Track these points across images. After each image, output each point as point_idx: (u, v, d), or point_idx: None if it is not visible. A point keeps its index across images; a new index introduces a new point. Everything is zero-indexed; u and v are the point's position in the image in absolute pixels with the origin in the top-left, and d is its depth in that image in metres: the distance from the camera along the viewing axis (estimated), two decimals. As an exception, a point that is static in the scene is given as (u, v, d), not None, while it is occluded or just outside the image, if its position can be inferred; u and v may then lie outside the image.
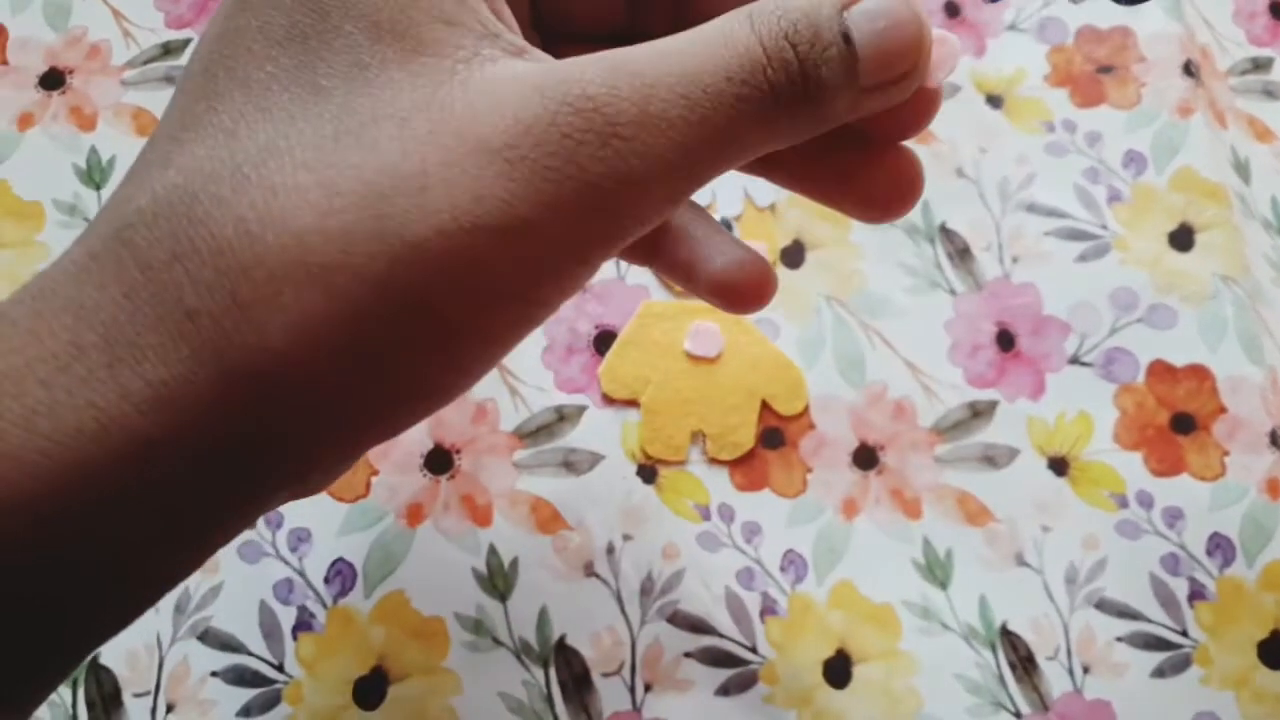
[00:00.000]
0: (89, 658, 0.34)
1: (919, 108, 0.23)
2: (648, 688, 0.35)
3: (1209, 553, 0.37)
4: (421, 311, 0.19)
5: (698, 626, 0.35)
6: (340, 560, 0.35)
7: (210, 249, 0.18)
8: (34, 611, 0.19)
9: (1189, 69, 0.43)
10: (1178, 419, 0.38)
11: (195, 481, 0.19)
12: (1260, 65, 0.45)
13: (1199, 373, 0.39)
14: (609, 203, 0.19)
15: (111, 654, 0.34)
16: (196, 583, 0.35)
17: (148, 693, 0.34)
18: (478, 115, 0.19)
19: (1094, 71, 0.44)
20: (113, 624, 0.21)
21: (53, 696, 0.33)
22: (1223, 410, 0.38)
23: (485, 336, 0.21)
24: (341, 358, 0.19)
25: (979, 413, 0.38)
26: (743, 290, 0.28)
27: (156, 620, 0.34)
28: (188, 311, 0.18)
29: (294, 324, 0.18)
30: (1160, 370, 0.39)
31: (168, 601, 0.35)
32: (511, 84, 0.19)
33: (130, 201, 0.19)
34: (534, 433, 0.37)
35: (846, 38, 0.20)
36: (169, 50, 0.42)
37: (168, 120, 0.20)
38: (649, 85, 0.19)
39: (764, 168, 0.26)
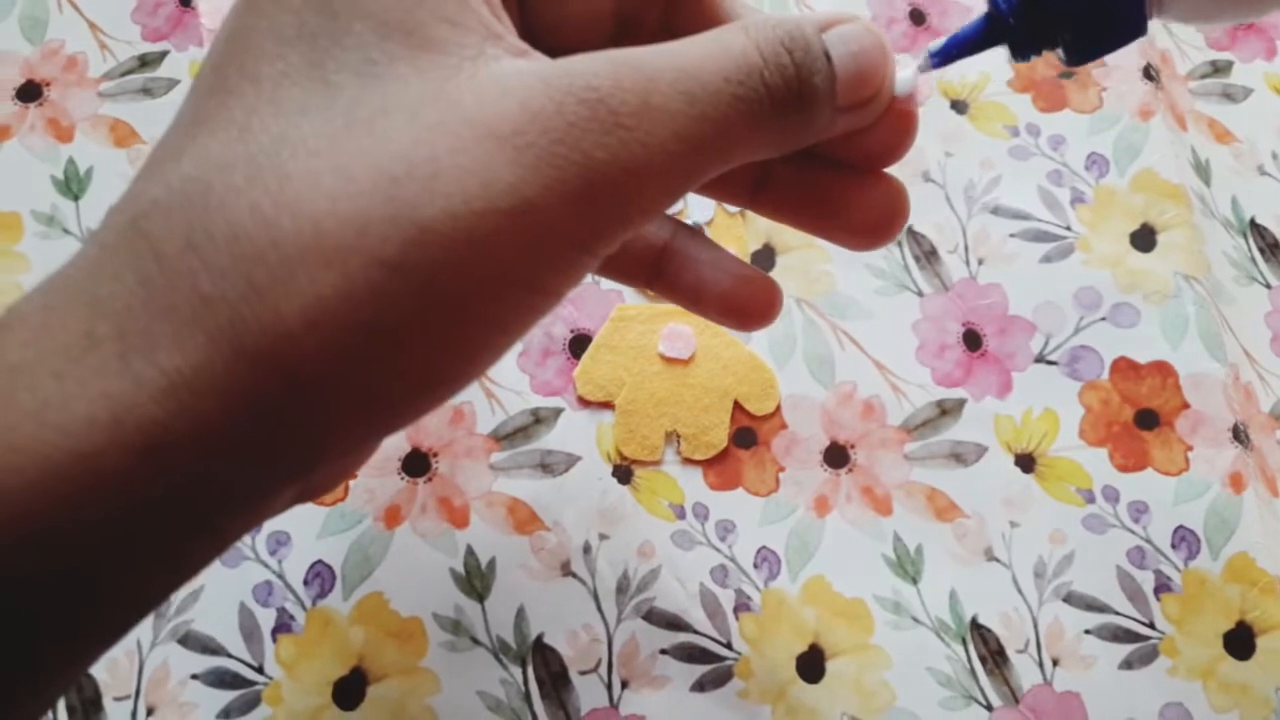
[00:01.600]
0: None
1: (896, 132, 0.24)
2: (624, 685, 0.35)
3: (1174, 546, 0.37)
4: (433, 294, 0.19)
5: (673, 623, 0.36)
6: (319, 563, 0.36)
7: (226, 235, 0.18)
8: (29, 612, 0.19)
9: (1149, 73, 0.44)
10: (1142, 415, 0.39)
11: (207, 470, 0.19)
12: (1219, 69, 0.46)
13: (1162, 369, 0.39)
14: (613, 189, 0.20)
15: (92, 659, 0.34)
16: (176, 587, 0.35)
17: (128, 696, 0.34)
18: (485, 105, 0.19)
19: (1056, 76, 0.44)
20: (115, 629, 0.20)
21: (33, 702, 0.34)
22: (1185, 406, 0.39)
23: (493, 323, 0.21)
24: (356, 340, 0.19)
25: (947, 411, 0.39)
26: (751, 308, 0.28)
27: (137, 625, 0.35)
28: (203, 298, 0.18)
29: (310, 306, 0.18)
30: (1124, 368, 0.39)
31: (148, 606, 0.35)
32: (516, 78, 0.20)
33: (144, 194, 0.19)
34: (510, 435, 0.38)
35: (827, 56, 0.22)
36: (145, 63, 0.43)
37: (180, 118, 0.20)
38: (650, 79, 0.20)
39: (757, 199, 0.27)
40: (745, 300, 0.28)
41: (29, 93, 0.42)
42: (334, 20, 0.20)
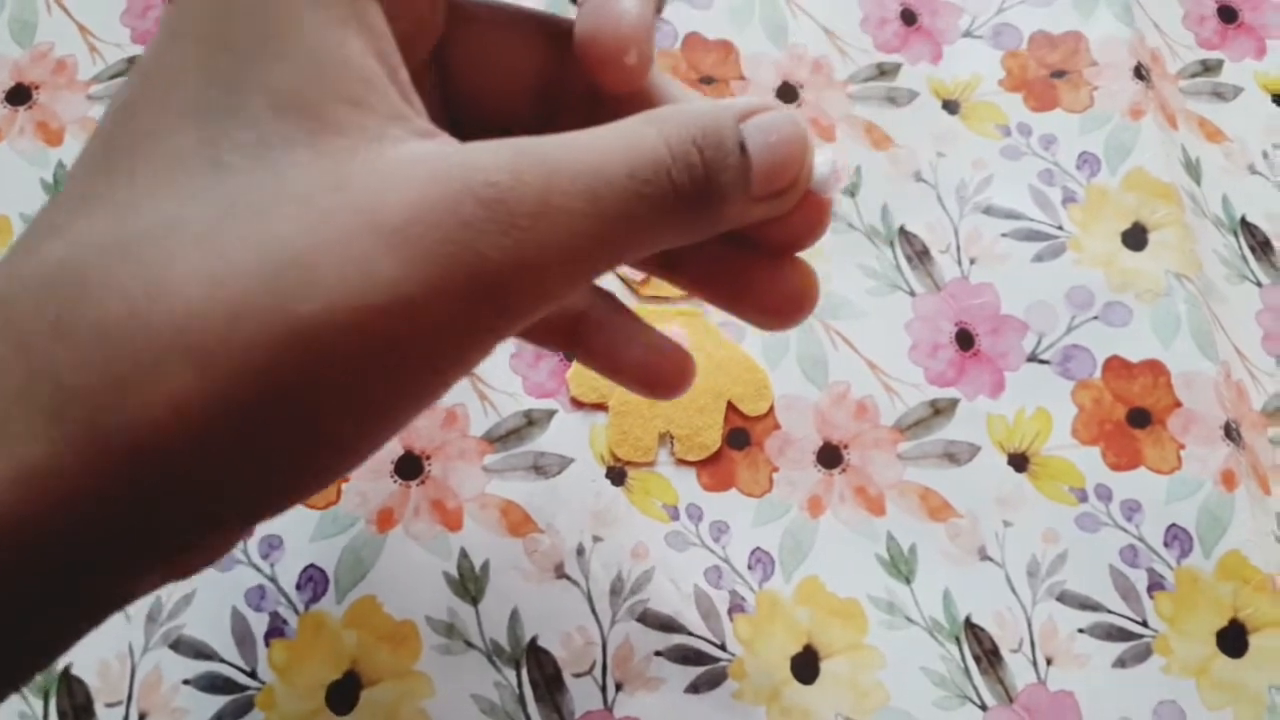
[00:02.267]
0: (60, 669, 0.34)
1: (810, 220, 0.24)
2: (619, 687, 0.35)
3: (1167, 544, 0.37)
4: (308, 390, 0.18)
5: (667, 625, 0.36)
6: (312, 566, 0.36)
7: (93, 325, 0.18)
8: None
9: (1140, 72, 0.44)
10: (1134, 414, 0.39)
11: (61, 561, 0.18)
12: (1210, 68, 0.46)
13: (1154, 368, 0.39)
14: (502, 288, 0.19)
15: (83, 664, 0.34)
16: (168, 591, 0.35)
17: (120, 702, 0.34)
18: (377, 196, 0.19)
19: (1047, 76, 0.44)
20: None
21: (23, 708, 0.33)
22: (1178, 405, 0.39)
23: (373, 415, 0.20)
24: (223, 436, 0.18)
25: (940, 411, 0.39)
26: (661, 380, 0.29)
27: (128, 629, 0.35)
28: (65, 389, 0.17)
29: (174, 403, 0.17)
30: (1116, 366, 0.40)
31: (140, 611, 0.35)
32: (415, 166, 0.19)
33: (15, 274, 0.19)
34: (503, 437, 0.38)
35: (743, 147, 0.22)
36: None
37: (65, 191, 0.20)
38: (551, 174, 0.19)
39: (669, 272, 0.27)
40: (656, 372, 0.29)
41: (18, 96, 0.42)
42: (231, 95, 0.19)
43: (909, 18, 0.45)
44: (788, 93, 0.43)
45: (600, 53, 0.22)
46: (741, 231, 0.24)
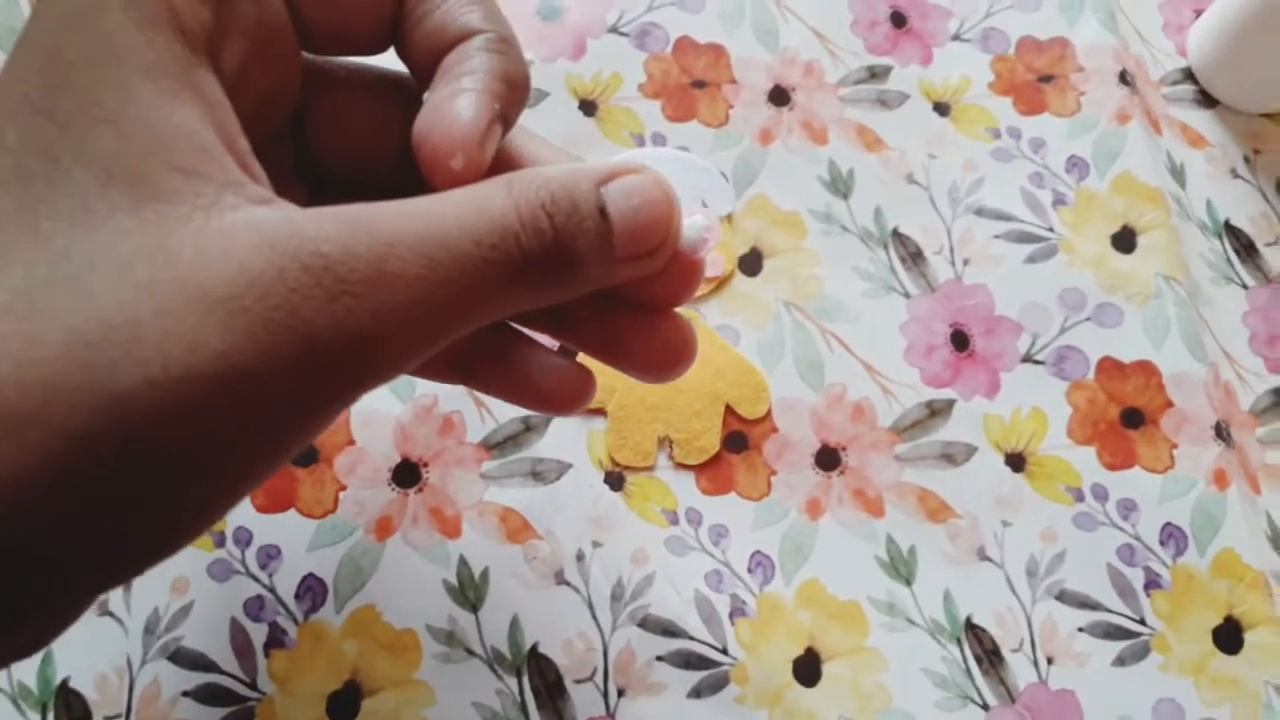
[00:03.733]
0: (58, 682, 0.33)
1: (681, 278, 0.24)
2: (621, 692, 0.35)
3: (1162, 543, 0.38)
4: (131, 464, 0.18)
5: (668, 630, 0.36)
6: (310, 576, 0.35)
7: None
8: None
9: (1125, 78, 0.45)
10: (1127, 414, 0.39)
11: None
12: (1191, 75, 0.47)
13: (1146, 369, 0.40)
14: (336, 357, 0.19)
15: (81, 678, 0.34)
16: (166, 603, 0.35)
17: (119, 715, 0.33)
18: (203, 264, 0.18)
19: (1035, 80, 0.45)
20: None
21: (19, 723, 0.33)
22: (1169, 405, 0.39)
23: (205, 488, 0.19)
24: (39, 513, 0.17)
25: (936, 412, 0.39)
26: (564, 396, 0.28)
27: (126, 642, 0.34)
28: None
29: None
30: (1109, 367, 0.40)
31: (137, 623, 0.34)
32: (245, 233, 0.19)
33: None
34: (501, 443, 0.38)
35: (603, 211, 0.21)
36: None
37: None
38: (387, 244, 0.19)
39: (551, 327, 0.27)
40: (556, 390, 0.28)
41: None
42: (54, 164, 0.18)
43: (899, 20, 0.46)
44: (779, 95, 0.44)
45: (428, 153, 0.22)
46: (615, 290, 0.24)
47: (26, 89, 0.19)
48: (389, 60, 0.25)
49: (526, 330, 0.28)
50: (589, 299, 0.24)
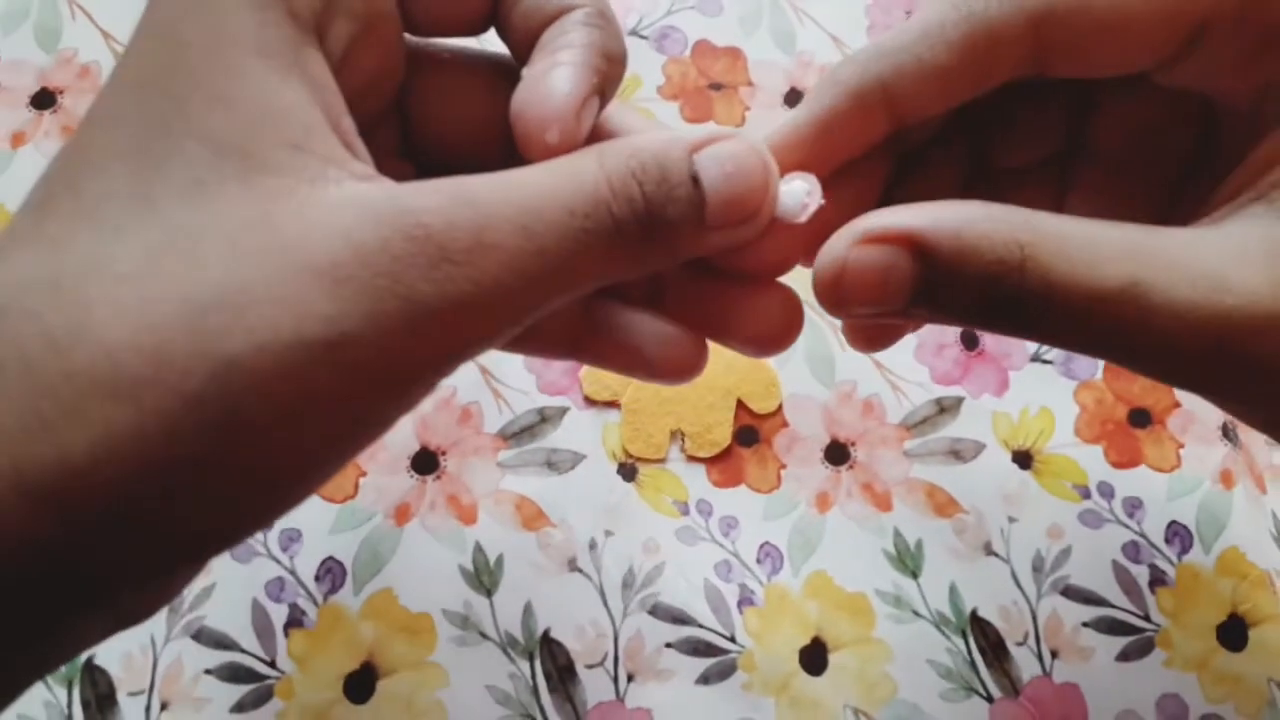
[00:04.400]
0: (84, 659, 0.34)
1: (781, 246, 0.24)
2: (630, 678, 0.36)
3: (1168, 540, 0.38)
4: (238, 428, 0.18)
5: (678, 618, 0.36)
6: (330, 559, 0.36)
7: (15, 365, 0.18)
8: None
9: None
10: (1135, 414, 0.40)
11: None
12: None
13: (1154, 369, 0.40)
14: (439, 323, 0.19)
15: (106, 655, 0.35)
16: (190, 583, 0.36)
17: (142, 691, 0.34)
18: (309, 235, 0.19)
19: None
20: None
21: (48, 697, 0.34)
22: (1177, 405, 0.40)
23: (307, 455, 0.20)
24: (150, 476, 0.18)
25: (945, 409, 0.40)
26: (671, 369, 0.27)
27: (150, 622, 0.35)
28: None
29: (99, 442, 0.17)
30: (1117, 367, 0.40)
31: (161, 601, 0.35)
32: (349, 207, 0.19)
33: None
34: (517, 434, 0.38)
35: (695, 179, 0.21)
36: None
37: (7, 228, 0.20)
38: (485, 215, 0.20)
39: (652, 304, 0.27)
40: (665, 362, 0.27)
41: (43, 100, 0.43)
42: (168, 138, 0.19)
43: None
44: (796, 98, 0.44)
45: (524, 127, 0.23)
46: (716, 261, 0.24)
47: (144, 66, 0.20)
48: (490, 42, 0.26)
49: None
50: (688, 271, 0.24)
